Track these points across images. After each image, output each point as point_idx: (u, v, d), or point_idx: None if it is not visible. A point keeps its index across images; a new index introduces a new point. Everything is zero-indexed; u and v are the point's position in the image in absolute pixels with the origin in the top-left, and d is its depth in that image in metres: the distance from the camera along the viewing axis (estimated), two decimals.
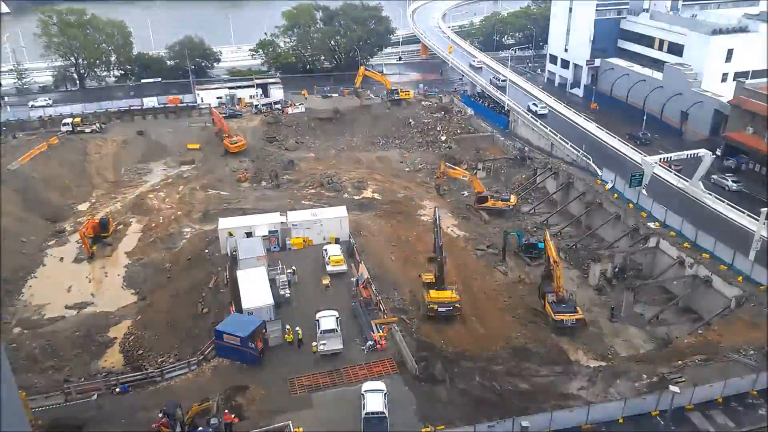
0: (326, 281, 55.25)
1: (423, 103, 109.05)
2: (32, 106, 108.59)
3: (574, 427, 38.68)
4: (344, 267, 57.70)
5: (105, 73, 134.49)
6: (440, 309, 52.22)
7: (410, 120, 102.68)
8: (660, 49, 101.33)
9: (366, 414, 38.04)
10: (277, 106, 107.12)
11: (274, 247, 61.68)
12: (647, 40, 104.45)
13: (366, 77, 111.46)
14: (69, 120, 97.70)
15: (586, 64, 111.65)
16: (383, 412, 38.08)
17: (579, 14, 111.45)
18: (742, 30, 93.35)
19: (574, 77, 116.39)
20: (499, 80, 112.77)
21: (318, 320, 47.06)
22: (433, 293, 53.00)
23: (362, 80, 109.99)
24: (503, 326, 54.17)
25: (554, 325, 53.31)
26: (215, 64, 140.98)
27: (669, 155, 69.97)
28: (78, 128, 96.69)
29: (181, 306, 56.77)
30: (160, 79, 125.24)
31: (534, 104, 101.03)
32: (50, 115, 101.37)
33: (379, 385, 40.56)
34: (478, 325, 53.95)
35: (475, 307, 56.84)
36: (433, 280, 54.11)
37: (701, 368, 44.60)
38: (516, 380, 44.82)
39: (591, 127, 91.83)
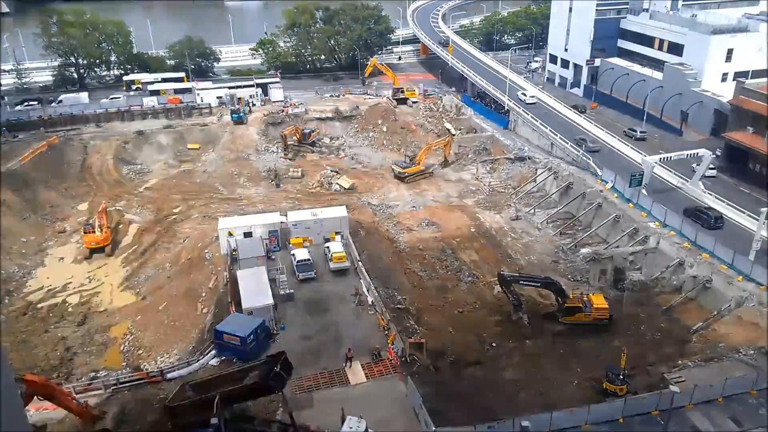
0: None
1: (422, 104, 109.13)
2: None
3: (574, 427, 38.72)
4: (347, 264, 57.85)
5: (105, 73, 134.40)
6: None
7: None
8: (660, 48, 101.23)
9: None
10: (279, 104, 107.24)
11: (274, 248, 61.77)
12: (647, 40, 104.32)
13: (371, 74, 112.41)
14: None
15: (586, 64, 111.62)
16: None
17: (579, 14, 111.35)
18: (742, 30, 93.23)
19: (574, 77, 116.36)
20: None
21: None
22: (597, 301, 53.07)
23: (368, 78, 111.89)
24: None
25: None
26: (215, 64, 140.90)
27: (669, 155, 69.98)
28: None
29: (181, 306, 56.78)
30: (160, 79, 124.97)
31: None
32: (50, 115, 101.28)
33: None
34: None
35: None
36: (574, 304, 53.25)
37: (701, 368, 44.63)
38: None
39: (592, 128, 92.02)
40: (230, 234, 61.03)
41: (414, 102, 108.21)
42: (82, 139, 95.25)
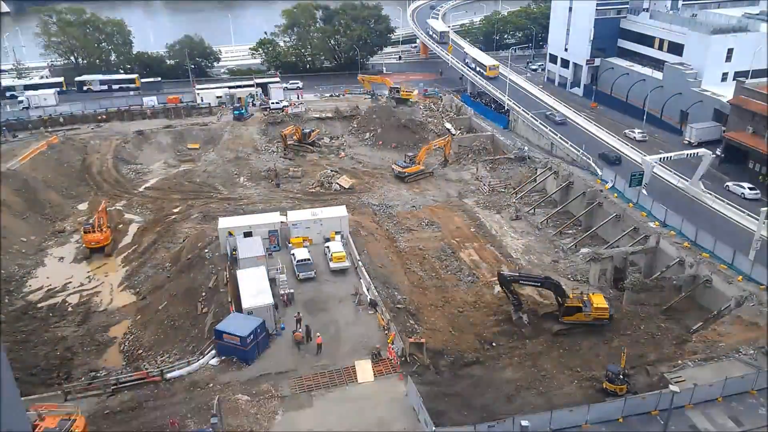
0: None
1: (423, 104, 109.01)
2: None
3: (574, 426, 38.72)
4: (347, 263, 57.81)
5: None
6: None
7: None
8: (660, 48, 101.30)
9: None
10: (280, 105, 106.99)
11: (274, 247, 61.75)
12: (647, 40, 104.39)
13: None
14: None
15: (586, 64, 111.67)
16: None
17: (579, 13, 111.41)
18: (742, 29, 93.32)
19: (574, 77, 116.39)
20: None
21: None
22: (597, 301, 52.73)
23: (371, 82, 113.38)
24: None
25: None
26: (215, 64, 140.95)
27: (669, 155, 69.99)
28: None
29: (181, 306, 56.77)
30: (159, 79, 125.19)
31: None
32: (50, 115, 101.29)
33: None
34: None
35: None
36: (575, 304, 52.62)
37: (701, 368, 44.63)
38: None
39: (593, 128, 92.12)
40: (230, 234, 60.99)
41: (413, 103, 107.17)
42: (82, 138, 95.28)
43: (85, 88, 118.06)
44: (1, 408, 22.50)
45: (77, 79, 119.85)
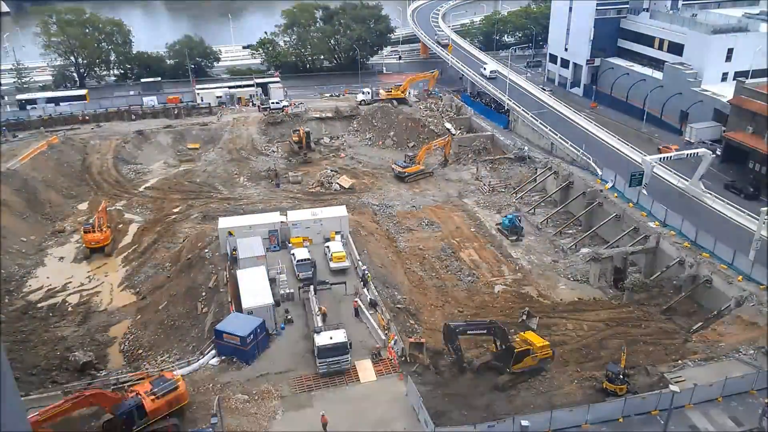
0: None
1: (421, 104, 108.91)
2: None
3: (574, 426, 38.73)
4: (347, 263, 57.80)
5: (105, 73, 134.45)
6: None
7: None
8: (660, 48, 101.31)
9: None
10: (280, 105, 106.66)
11: (274, 247, 61.74)
12: (647, 40, 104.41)
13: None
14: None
15: (586, 64, 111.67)
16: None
17: (579, 13, 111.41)
18: (742, 29, 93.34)
19: (574, 76, 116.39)
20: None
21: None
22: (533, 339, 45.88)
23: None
24: None
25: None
26: (215, 63, 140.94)
27: (669, 155, 69.97)
28: None
29: (181, 306, 56.77)
30: (159, 78, 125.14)
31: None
32: (50, 115, 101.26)
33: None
34: None
35: None
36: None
37: (701, 368, 44.63)
38: None
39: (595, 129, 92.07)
40: (230, 234, 60.98)
41: (400, 101, 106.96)
42: (82, 138, 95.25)
43: (29, 106, 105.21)
44: (1, 408, 22.48)
45: (19, 97, 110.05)
